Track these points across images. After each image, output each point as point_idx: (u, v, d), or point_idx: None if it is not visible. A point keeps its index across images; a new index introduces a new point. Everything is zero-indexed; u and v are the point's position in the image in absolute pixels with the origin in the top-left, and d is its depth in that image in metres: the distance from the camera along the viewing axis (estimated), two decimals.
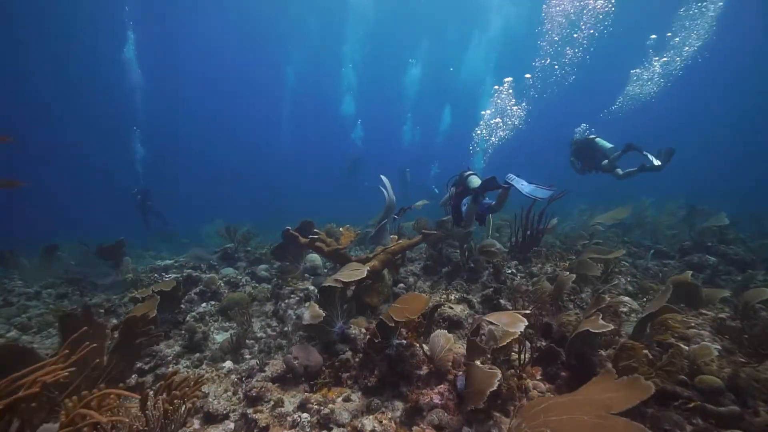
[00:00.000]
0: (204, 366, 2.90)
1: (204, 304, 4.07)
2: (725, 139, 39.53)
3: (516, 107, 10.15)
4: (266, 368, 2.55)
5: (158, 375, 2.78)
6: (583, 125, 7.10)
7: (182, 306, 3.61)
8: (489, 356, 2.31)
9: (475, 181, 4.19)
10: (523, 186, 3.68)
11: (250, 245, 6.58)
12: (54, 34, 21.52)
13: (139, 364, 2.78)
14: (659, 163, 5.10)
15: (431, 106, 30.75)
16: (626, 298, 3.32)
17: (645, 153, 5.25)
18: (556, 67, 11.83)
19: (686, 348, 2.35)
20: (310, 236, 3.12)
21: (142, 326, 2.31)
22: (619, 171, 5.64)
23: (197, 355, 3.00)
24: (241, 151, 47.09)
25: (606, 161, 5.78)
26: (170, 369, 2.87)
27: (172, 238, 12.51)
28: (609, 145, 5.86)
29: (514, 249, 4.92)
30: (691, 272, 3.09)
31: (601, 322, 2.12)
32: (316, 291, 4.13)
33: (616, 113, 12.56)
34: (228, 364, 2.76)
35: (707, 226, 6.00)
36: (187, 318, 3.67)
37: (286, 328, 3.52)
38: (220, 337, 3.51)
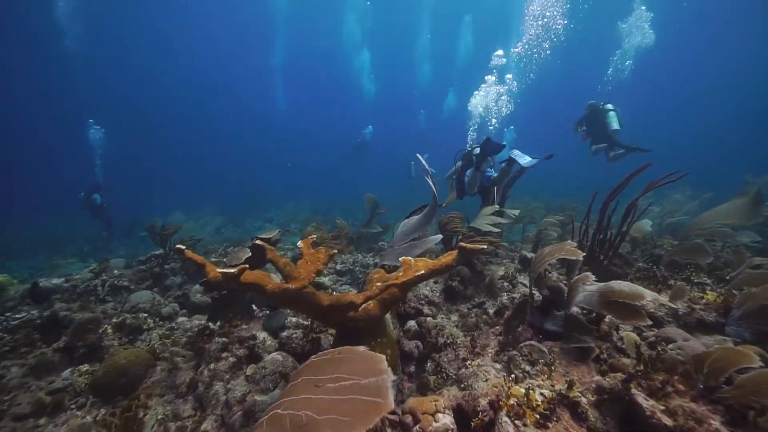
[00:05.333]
0: None
1: (67, 373, 2.30)
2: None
3: None
4: None
5: None
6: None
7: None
8: None
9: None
10: (524, 160, 3.69)
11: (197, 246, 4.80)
12: None
13: None
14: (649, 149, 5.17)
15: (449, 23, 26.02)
16: None
17: (638, 148, 5.27)
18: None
19: None
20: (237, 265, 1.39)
21: None
22: (611, 153, 5.67)
23: None
24: (223, 116, 40.29)
25: (594, 148, 5.80)
26: None
27: (134, 231, 10.53)
28: (615, 126, 5.53)
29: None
30: None
31: None
32: (273, 342, 2.42)
33: None
34: None
35: None
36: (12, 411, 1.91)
37: (205, 427, 1.84)
38: None
